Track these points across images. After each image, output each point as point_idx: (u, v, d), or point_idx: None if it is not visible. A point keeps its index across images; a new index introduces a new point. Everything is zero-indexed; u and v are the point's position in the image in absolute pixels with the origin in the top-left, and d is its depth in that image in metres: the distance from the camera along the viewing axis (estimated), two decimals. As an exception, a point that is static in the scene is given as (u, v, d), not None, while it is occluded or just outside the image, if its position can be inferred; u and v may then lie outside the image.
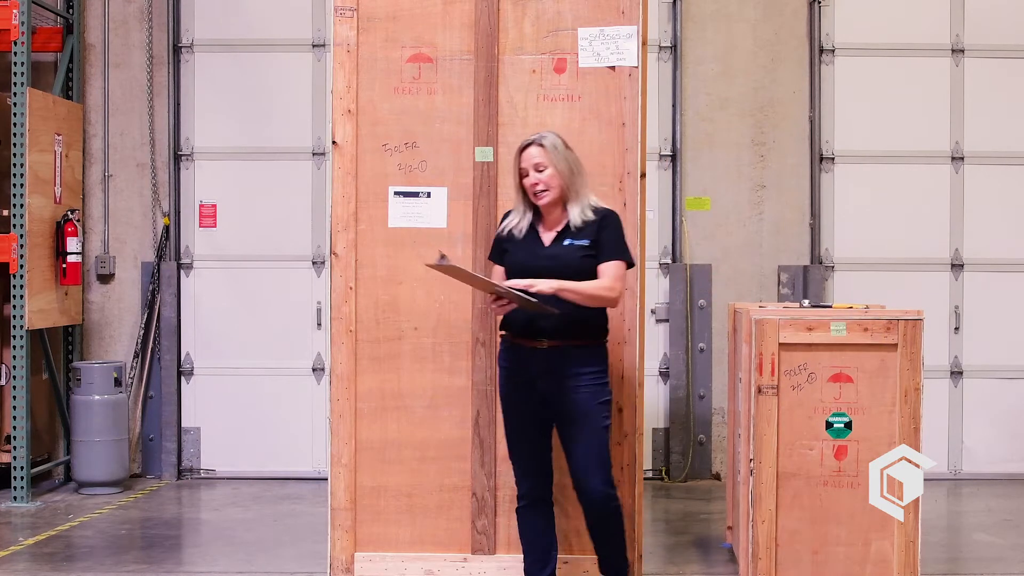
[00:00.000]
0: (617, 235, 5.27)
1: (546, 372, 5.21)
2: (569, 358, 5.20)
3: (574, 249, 5.20)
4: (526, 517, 5.41)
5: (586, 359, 5.23)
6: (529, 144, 5.25)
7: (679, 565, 6.61)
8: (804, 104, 9.03)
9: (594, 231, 5.22)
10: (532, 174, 5.22)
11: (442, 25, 5.81)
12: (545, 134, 5.29)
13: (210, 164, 9.13)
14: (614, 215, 5.31)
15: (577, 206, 5.24)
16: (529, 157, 5.23)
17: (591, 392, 5.22)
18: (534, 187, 5.22)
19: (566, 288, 5.11)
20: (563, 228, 5.26)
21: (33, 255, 8.23)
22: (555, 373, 5.20)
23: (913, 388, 5.62)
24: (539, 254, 5.24)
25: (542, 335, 5.19)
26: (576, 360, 5.21)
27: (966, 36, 9.01)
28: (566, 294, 5.11)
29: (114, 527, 7.54)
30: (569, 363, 5.20)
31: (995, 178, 9.02)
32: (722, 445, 8.93)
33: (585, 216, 5.23)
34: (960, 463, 9.00)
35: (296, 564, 6.60)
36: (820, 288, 8.91)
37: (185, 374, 9.11)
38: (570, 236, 5.24)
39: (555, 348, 5.20)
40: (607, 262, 5.21)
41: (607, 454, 5.28)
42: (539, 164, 5.21)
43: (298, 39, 9.05)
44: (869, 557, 5.63)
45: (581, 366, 5.21)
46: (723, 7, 9.07)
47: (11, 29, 8.08)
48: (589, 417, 5.22)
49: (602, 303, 5.21)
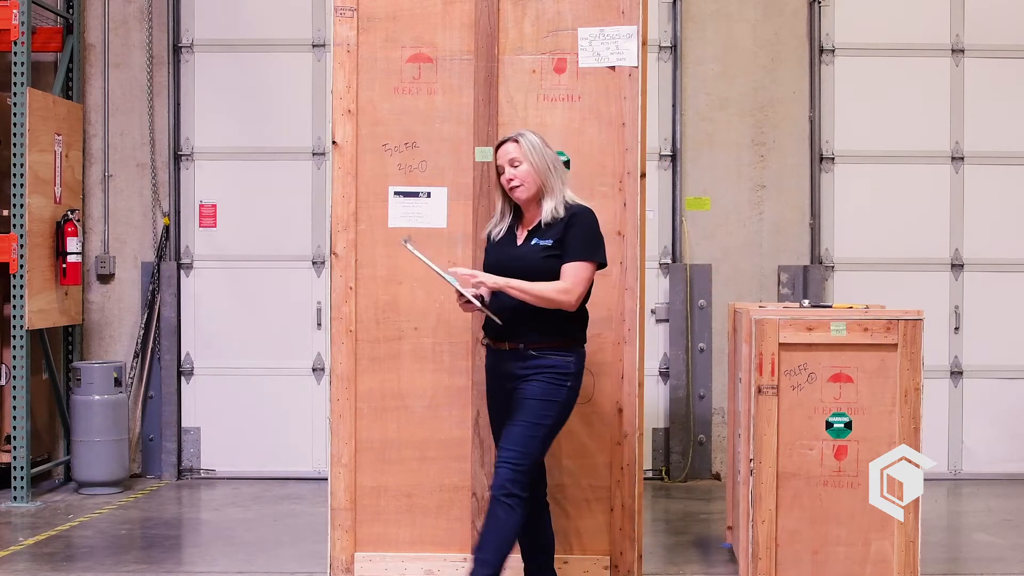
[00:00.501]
0: (585, 234, 5.17)
1: (510, 374, 5.18)
2: (528, 360, 5.14)
3: (537, 249, 5.16)
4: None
5: (547, 359, 5.14)
6: (505, 141, 5.25)
7: (679, 565, 6.61)
8: (804, 104, 9.03)
9: (561, 230, 5.15)
10: (508, 170, 5.20)
11: (442, 25, 5.81)
12: (523, 131, 5.28)
13: (210, 164, 9.13)
14: (585, 213, 5.21)
15: (550, 202, 5.18)
16: (505, 153, 5.22)
17: (539, 387, 5.11)
18: (509, 182, 5.20)
19: (512, 286, 5.06)
20: (535, 227, 5.24)
21: (33, 255, 8.23)
22: (516, 375, 5.16)
23: (913, 388, 5.62)
24: (509, 254, 5.23)
25: (506, 337, 5.17)
26: (537, 360, 5.14)
27: (966, 36, 9.01)
28: (512, 292, 5.06)
29: (114, 527, 7.54)
30: (529, 364, 5.14)
31: (995, 178, 9.02)
32: (722, 445, 8.93)
33: (556, 213, 5.17)
34: (960, 463, 9.00)
35: (296, 564, 6.59)
36: (820, 288, 8.91)
37: (185, 374, 9.11)
38: (538, 235, 5.20)
39: (515, 351, 5.16)
40: (569, 263, 5.12)
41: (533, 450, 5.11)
42: (514, 159, 5.19)
43: (298, 39, 9.05)
44: (869, 557, 5.63)
45: (539, 366, 5.13)
46: (723, 7, 9.07)
47: (11, 29, 8.07)
48: (527, 408, 5.11)
49: (554, 305, 5.10)
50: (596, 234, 5.23)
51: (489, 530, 5.08)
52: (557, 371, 5.15)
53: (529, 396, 5.13)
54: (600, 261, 5.23)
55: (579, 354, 5.26)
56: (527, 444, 5.10)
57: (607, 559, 5.73)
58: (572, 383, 5.20)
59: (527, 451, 5.10)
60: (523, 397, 5.14)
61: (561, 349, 5.18)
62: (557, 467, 5.74)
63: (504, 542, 5.08)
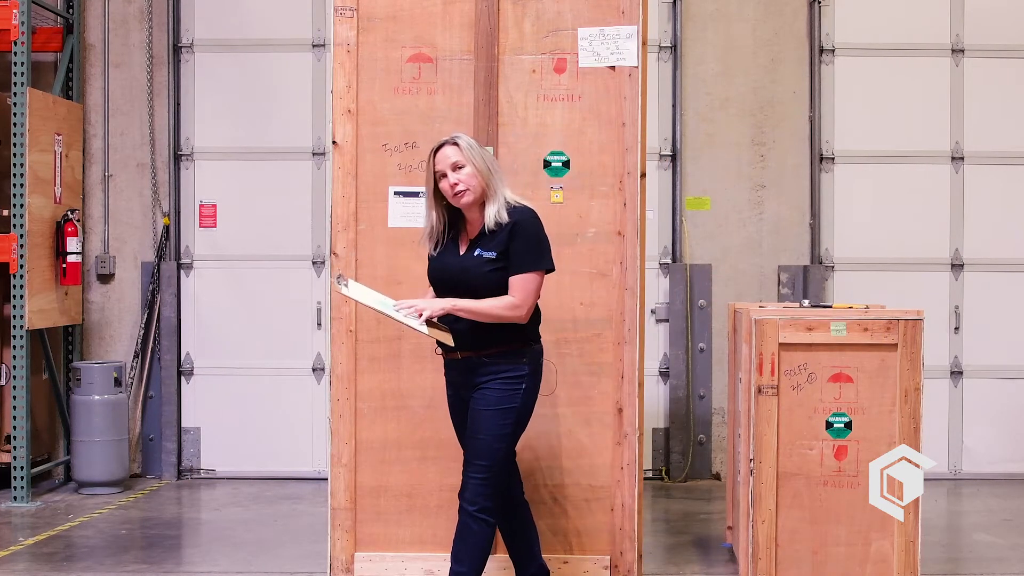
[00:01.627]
0: (529, 243, 5.03)
1: (467, 383, 5.13)
2: (482, 366, 5.08)
3: (481, 261, 5.03)
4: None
5: (499, 365, 5.08)
6: (442, 145, 5.08)
7: (679, 565, 6.61)
8: (804, 104, 9.03)
9: (504, 239, 5.01)
10: (450, 174, 5.02)
11: (442, 25, 5.81)
12: (458, 134, 5.14)
13: (210, 164, 9.13)
14: (528, 218, 5.07)
15: (493, 206, 5.03)
16: (444, 157, 5.04)
17: (495, 395, 5.06)
18: (454, 187, 5.02)
19: (459, 308, 4.97)
20: (478, 235, 5.09)
21: (33, 255, 8.23)
22: (470, 384, 5.11)
23: (913, 388, 5.62)
24: (453, 265, 5.09)
25: (458, 347, 5.07)
26: (487, 371, 5.08)
27: (966, 36, 9.01)
28: (460, 314, 4.98)
29: (114, 527, 7.54)
30: (481, 373, 5.09)
31: (995, 178, 9.02)
32: (722, 445, 8.93)
33: (499, 218, 5.01)
34: (960, 463, 9.00)
35: (296, 564, 6.59)
36: (820, 288, 8.91)
37: (185, 374, 9.11)
38: (481, 244, 5.06)
39: (468, 359, 5.09)
40: (516, 275, 5.01)
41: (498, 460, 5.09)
42: (457, 163, 5.03)
43: (298, 39, 9.05)
44: (869, 557, 5.63)
45: (492, 372, 5.08)
46: (723, 7, 9.07)
47: (11, 29, 8.08)
48: (486, 419, 5.08)
49: (504, 320, 5.01)
50: (541, 239, 5.10)
51: (465, 543, 5.11)
52: (510, 376, 5.08)
53: (486, 407, 5.07)
54: (548, 268, 5.12)
55: (533, 353, 5.17)
56: (492, 456, 5.09)
57: (607, 559, 5.73)
58: (528, 384, 5.13)
59: (492, 463, 5.09)
60: (480, 408, 5.08)
61: (514, 352, 5.11)
62: (557, 467, 5.74)
63: (480, 552, 5.12)
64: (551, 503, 5.75)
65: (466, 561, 5.10)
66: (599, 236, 5.76)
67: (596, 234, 5.76)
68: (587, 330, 5.74)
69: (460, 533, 5.11)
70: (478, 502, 5.06)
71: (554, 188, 5.79)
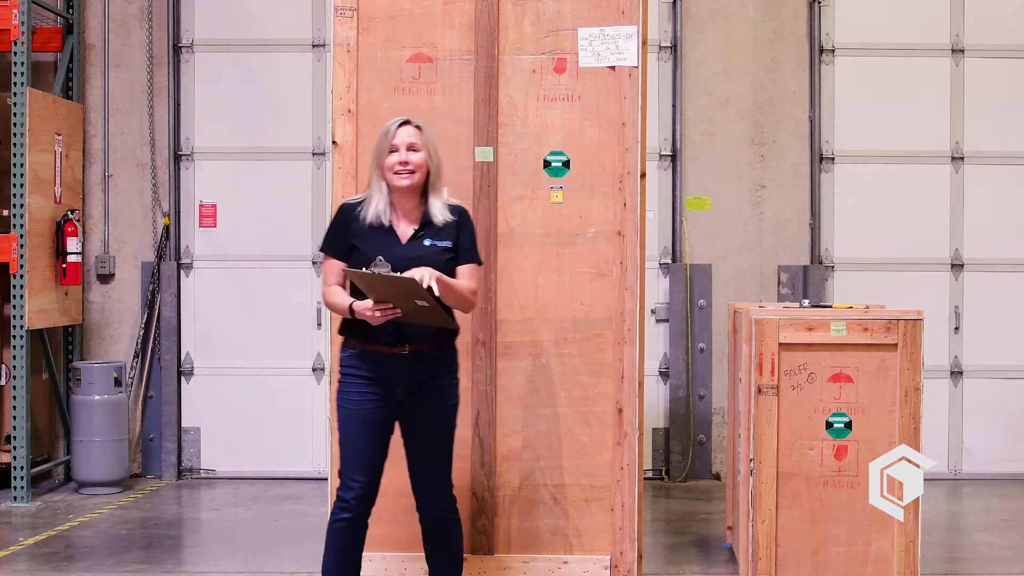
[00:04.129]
0: (472, 237, 5.11)
1: (407, 379, 5.00)
2: (429, 363, 5.03)
3: (438, 251, 4.97)
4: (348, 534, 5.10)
5: (444, 364, 5.09)
6: (406, 122, 5.01)
7: (679, 565, 6.61)
8: (804, 104, 9.03)
9: (454, 231, 5.01)
10: (403, 152, 4.95)
11: (442, 25, 5.81)
12: (420, 121, 5.09)
13: (210, 164, 9.13)
14: (468, 214, 5.15)
15: (438, 200, 5.02)
16: (405, 134, 4.97)
17: (443, 392, 5.07)
18: (404, 165, 4.94)
19: (444, 282, 4.86)
20: (421, 225, 5.01)
21: (33, 255, 8.23)
22: (416, 380, 5.01)
23: (913, 388, 5.62)
24: (400, 253, 4.94)
25: (405, 340, 4.97)
26: (436, 364, 5.06)
27: (966, 36, 9.01)
28: (442, 288, 4.83)
29: (114, 527, 7.54)
30: (429, 368, 5.04)
31: (995, 178, 9.03)
32: (722, 445, 8.93)
33: (445, 214, 5.00)
34: (960, 463, 9.00)
35: (296, 564, 6.59)
36: (820, 288, 8.91)
37: (185, 374, 9.11)
38: (431, 235, 5.00)
39: (416, 353, 5.00)
40: (466, 265, 5.04)
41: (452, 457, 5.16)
42: (414, 144, 4.98)
43: (298, 39, 9.05)
44: (869, 557, 5.63)
45: (440, 371, 5.07)
46: (723, 7, 9.07)
47: (11, 29, 8.08)
48: (445, 422, 5.09)
49: (465, 306, 5.06)
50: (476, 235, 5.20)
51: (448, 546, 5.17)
52: (452, 371, 5.12)
53: (438, 405, 5.05)
54: (481, 261, 5.23)
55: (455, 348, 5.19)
56: (449, 454, 5.13)
57: (607, 559, 5.73)
58: (458, 379, 5.17)
59: (450, 461, 5.14)
60: (431, 407, 5.04)
61: (451, 346, 5.12)
62: (557, 467, 5.74)
63: (460, 551, 5.22)
64: (551, 503, 5.75)
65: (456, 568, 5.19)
66: (599, 236, 5.76)
67: (596, 234, 5.76)
68: (587, 330, 5.74)
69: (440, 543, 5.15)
70: (449, 504, 5.15)
71: (554, 188, 5.79)
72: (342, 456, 5.07)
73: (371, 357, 4.98)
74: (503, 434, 5.77)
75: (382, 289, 4.80)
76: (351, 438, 5.03)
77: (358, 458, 5.01)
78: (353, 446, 5.03)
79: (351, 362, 5.03)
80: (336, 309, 5.07)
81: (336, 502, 5.10)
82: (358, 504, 5.04)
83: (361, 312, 4.86)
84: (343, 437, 5.07)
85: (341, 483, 5.06)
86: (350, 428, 5.03)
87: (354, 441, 5.03)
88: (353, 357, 5.03)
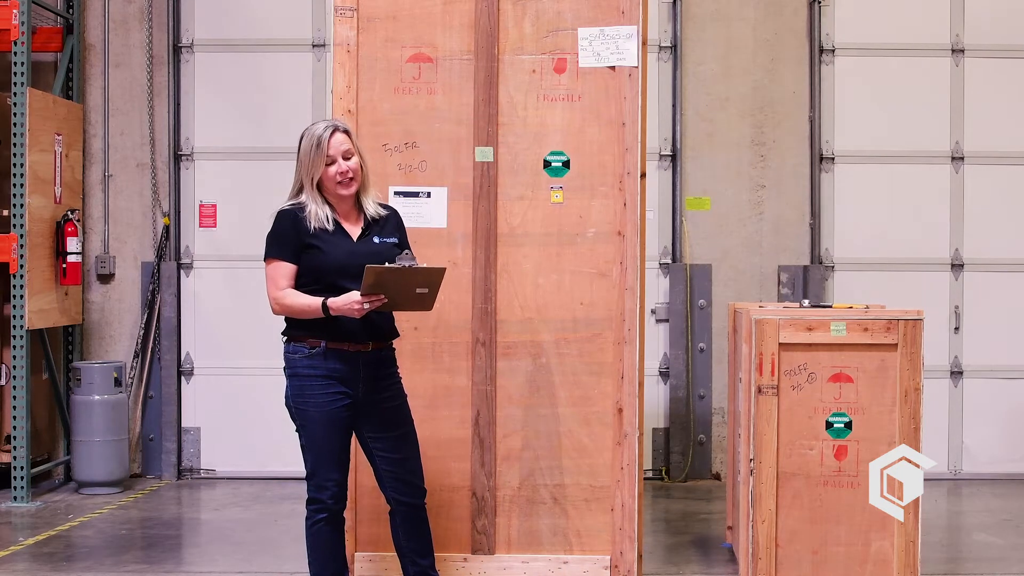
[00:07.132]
0: (406, 233, 5.23)
1: (368, 376, 5.05)
2: (386, 360, 5.13)
3: (390, 247, 5.06)
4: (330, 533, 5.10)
5: (393, 361, 5.19)
6: (335, 130, 5.05)
7: (679, 565, 6.61)
8: (804, 104, 9.03)
9: (394, 228, 5.16)
10: (341, 162, 5.01)
11: (442, 25, 5.81)
12: (342, 122, 5.15)
13: (210, 164, 9.13)
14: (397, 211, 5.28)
15: (370, 199, 5.13)
16: (338, 143, 5.02)
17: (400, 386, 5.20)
18: (346, 175, 5.01)
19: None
20: (366, 224, 5.10)
21: (33, 255, 8.23)
22: (374, 376, 5.07)
23: (913, 388, 5.62)
24: (357, 251, 5.00)
25: (369, 337, 5.02)
26: (389, 362, 5.16)
27: (966, 36, 9.01)
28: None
29: (114, 527, 7.54)
30: (386, 365, 5.13)
31: (995, 178, 9.02)
32: (722, 445, 8.93)
33: (379, 211, 5.13)
34: (960, 463, 9.00)
35: (296, 564, 6.59)
36: (820, 288, 8.91)
37: (185, 374, 9.11)
38: (377, 233, 5.09)
39: (377, 350, 5.08)
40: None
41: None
42: (348, 151, 5.04)
43: (298, 39, 9.05)
44: (869, 557, 5.63)
45: (392, 367, 5.18)
46: (723, 7, 9.06)
47: (11, 29, 8.08)
48: (409, 413, 5.23)
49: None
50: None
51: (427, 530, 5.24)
52: (395, 367, 5.22)
53: (398, 397, 5.18)
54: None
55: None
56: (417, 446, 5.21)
57: (607, 559, 5.73)
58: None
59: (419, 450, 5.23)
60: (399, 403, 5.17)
61: (392, 345, 5.22)
62: (557, 467, 5.74)
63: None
64: (551, 503, 5.76)
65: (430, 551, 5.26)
66: (599, 236, 5.76)
67: (596, 234, 5.76)
68: (587, 330, 5.74)
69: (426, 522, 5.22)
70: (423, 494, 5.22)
71: (554, 188, 5.79)
72: (314, 458, 5.07)
73: (335, 355, 4.99)
74: (503, 434, 5.77)
75: (397, 282, 4.83)
76: (322, 439, 5.04)
77: (332, 459, 5.04)
78: (327, 447, 5.04)
79: (312, 362, 5.01)
80: (300, 311, 5.06)
81: (310, 504, 5.10)
82: (334, 502, 5.07)
83: (345, 307, 4.86)
84: (313, 439, 5.06)
85: (314, 485, 5.07)
86: (321, 430, 5.03)
87: (326, 442, 5.04)
88: (314, 357, 5.01)
